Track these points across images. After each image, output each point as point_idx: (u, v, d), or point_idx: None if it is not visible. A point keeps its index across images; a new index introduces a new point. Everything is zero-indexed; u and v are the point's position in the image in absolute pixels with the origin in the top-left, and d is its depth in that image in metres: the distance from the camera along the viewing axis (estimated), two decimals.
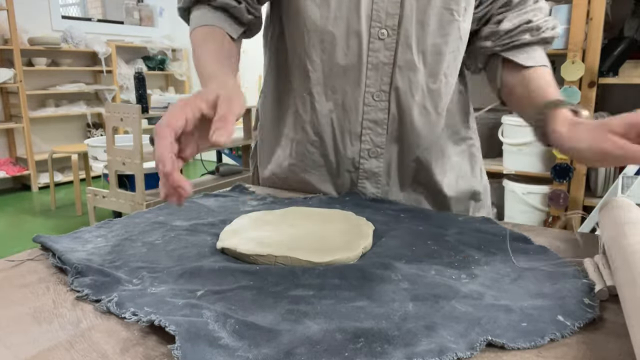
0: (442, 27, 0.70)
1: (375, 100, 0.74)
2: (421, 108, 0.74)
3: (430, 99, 0.74)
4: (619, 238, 0.48)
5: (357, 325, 0.38)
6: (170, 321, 0.38)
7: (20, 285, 0.49)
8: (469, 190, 0.83)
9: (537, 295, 0.44)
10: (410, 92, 0.73)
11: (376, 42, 0.71)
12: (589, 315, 0.41)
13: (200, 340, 0.36)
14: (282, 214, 0.66)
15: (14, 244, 2.96)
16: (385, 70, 0.72)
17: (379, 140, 0.76)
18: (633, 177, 1.85)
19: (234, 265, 0.50)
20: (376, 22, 0.70)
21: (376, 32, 0.70)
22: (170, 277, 0.48)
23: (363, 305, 0.42)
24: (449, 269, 0.50)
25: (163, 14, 5.55)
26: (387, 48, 0.71)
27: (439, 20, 0.70)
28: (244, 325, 0.39)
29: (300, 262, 0.51)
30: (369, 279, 0.47)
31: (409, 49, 0.70)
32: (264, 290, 0.45)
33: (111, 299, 0.43)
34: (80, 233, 0.61)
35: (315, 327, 0.39)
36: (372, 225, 0.61)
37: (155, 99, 2.73)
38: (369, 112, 0.74)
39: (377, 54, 0.71)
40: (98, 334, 0.40)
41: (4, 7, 3.80)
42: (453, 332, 0.38)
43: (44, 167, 4.04)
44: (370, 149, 0.77)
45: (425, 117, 0.75)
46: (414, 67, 0.71)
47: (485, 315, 0.40)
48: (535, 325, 0.39)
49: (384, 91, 0.73)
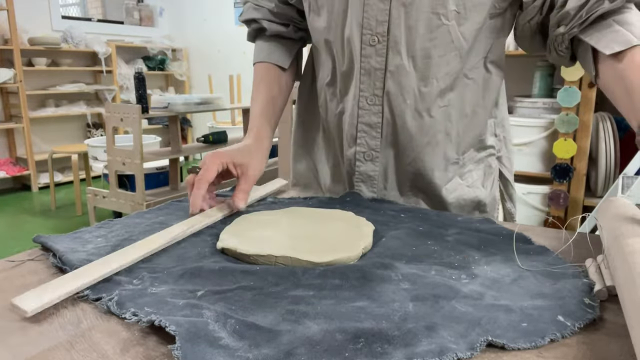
0: (431, 32, 0.70)
1: (369, 104, 0.76)
2: (413, 111, 0.75)
3: (422, 102, 0.74)
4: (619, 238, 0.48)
5: (357, 326, 0.38)
6: (170, 321, 0.38)
7: (20, 285, 0.49)
8: (473, 200, 0.81)
9: (538, 295, 0.44)
10: (402, 96, 0.74)
11: (367, 49, 0.73)
12: (589, 316, 0.41)
13: (200, 340, 0.36)
14: (282, 214, 0.66)
15: (14, 244, 2.96)
16: (378, 75, 0.74)
17: (374, 143, 0.78)
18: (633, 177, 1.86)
19: (234, 266, 0.50)
20: (367, 29, 0.72)
21: (367, 39, 0.73)
22: (170, 278, 0.48)
23: (363, 306, 0.42)
24: (449, 269, 0.50)
25: (163, 14, 5.55)
26: (378, 54, 0.73)
27: (427, 25, 0.70)
28: (244, 325, 0.39)
29: (301, 262, 0.51)
30: (369, 279, 0.47)
31: (398, 54, 0.72)
32: (264, 290, 0.45)
33: (111, 298, 0.44)
34: (81, 233, 0.61)
35: (315, 327, 0.39)
36: (372, 225, 0.61)
37: (155, 99, 2.73)
38: (364, 115, 0.77)
39: (369, 60, 0.73)
40: (98, 334, 0.40)
41: (4, 7, 3.80)
42: (453, 333, 0.38)
43: (44, 167, 4.04)
44: (365, 152, 0.79)
45: (418, 121, 0.75)
46: (404, 71, 0.73)
47: (486, 316, 0.40)
48: (536, 326, 0.39)
49: (377, 95, 0.75)
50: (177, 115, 2.81)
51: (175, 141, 2.87)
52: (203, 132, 3.29)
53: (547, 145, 2.27)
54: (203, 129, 5.07)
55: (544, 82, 2.38)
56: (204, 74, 5.08)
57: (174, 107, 2.68)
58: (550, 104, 2.30)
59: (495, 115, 0.82)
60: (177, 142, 2.87)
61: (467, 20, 0.70)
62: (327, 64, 0.80)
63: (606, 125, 2.15)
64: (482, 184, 0.82)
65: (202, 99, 2.85)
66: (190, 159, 5.53)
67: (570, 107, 2.12)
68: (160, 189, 2.99)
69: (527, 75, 2.46)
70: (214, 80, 4.72)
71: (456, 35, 0.71)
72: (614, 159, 2.14)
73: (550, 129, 2.23)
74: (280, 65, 0.85)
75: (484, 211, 0.83)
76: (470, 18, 0.70)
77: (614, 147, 2.14)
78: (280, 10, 0.84)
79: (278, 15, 0.84)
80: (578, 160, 2.19)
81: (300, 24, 0.85)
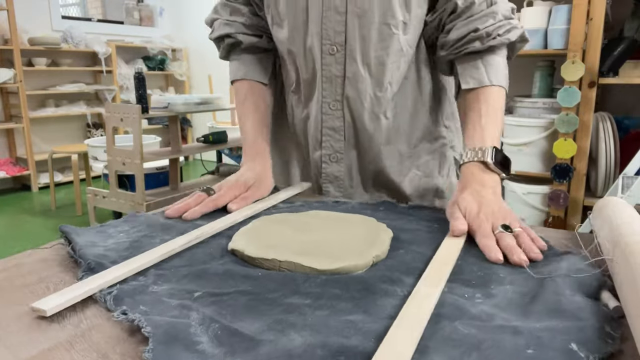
0: (383, 40, 0.76)
1: (331, 110, 0.81)
2: (370, 114, 0.80)
3: (378, 106, 0.80)
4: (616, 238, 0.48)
5: (342, 342, 0.36)
6: (150, 322, 0.38)
7: (21, 285, 0.49)
8: (432, 188, 0.87)
9: (554, 313, 0.41)
10: (359, 100, 0.79)
11: (327, 57, 0.78)
12: (609, 348, 0.36)
13: (176, 343, 0.36)
14: (301, 217, 0.65)
15: (14, 244, 2.96)
16: (338, 82, 0.79)
17: (338, 145, 0.84)
18: (633, 177, 1.85)
19: (238, 269, 0.50)
20: (326, 39, 0.77)
21: (327, 48, 0.78)
22: (174, 277, 0.49)
23: (356, 320, 0.40)
24: (464, 286, 0.46)
25: (163, 14, 5.55)
26: (337, 62, 0.78)
27: (379, 34, 0.75)
28: (228, 331, 0.38)
29: (304, 269, 0.50)
30: (372, 291, 0.45)
31: (354, 61, 0.77)
32: (261, 296, 0.45)
33: (111, 292, 0.44)
34: (106, 227, 0.63)
35: (298, 340, 0.37)
36: (391, 232, 0.59)
37: (155, 99, 2.73)
38: (327, 120, 0.82)
39: (329, 68, 0.79)
40: (98, 334, 0.40)
41: (4, 7, 3.80)
42: (446, 358, 0.35)
43: (44, 167, 4.04)
44: (330, 154, 0.84)
45: (375, 122, 0.81)
46: (360, 77, 0.78)
47: (489, 339, 0.37)
48: (542, 353, 0.35)
49: (338, 100, 0.80)
50: (177, 115, 2.81)
51: (175, 141, 2.87)
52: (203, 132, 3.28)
53: (547, 145, 2.27)
54: (203, 129, 5.07)
55: (544, 82, 2.38)
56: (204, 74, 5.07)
57: (174, 107, 2.68)
58: (550, 104, 2.30)
59: (439, 109, 0.87)
60: (177, 142, 2.87)
61: (412, 29, 0.77)
62: (292, 72, 0.85)
63: (606, 125, 2.15)
64: (438, 173, 0.88)
65: (202, 99, 2.85)
66: (191, 159, 5.53)
67: (570, 107, 2.12)
68: (160, 189, 2.98)
69: (527, 75, 2.45)
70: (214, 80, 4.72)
71: (405, 43, 0.77)
72: (614, 159, 2.14)
73: (550, 129, 2.23)
74: (261, 81, 0.88)
75: (442, 197, 0.88)
76: (412, 26, 0.77)
77: (614, 147, 2.13)
78: (252, 22, 0.87)
79: (251, 27, 0.87)
80: (578, 160, 2.19)
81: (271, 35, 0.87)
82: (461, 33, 0.75)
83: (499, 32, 0.74)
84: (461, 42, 0.75)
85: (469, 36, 0.74)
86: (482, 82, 0.74)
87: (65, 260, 0.55)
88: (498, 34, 0.74)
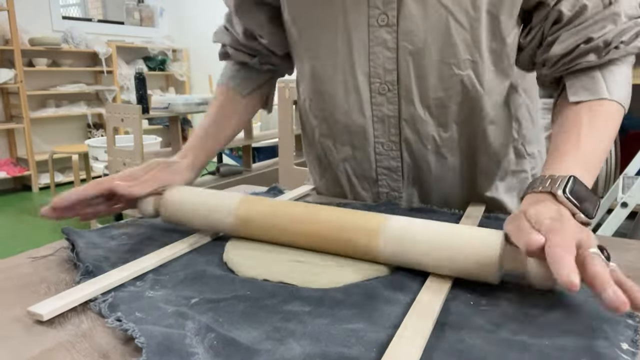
0: (443, 81, 0.66)
1: (385, 150, 0.73)
2: (436, 154, 0.71)
3: (445, 146, 0.71)
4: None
5: (343, 352, 0.35)
6: (145, 332, 0.37)
7: (21, 285, 0.49)
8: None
9: (567, 328, 0.38)
10: (421, 142, 0.71)
11: (378, 97, 0.69)
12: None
13: (171, 355, 0.35)
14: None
15: (14, 244, 2.96)
16: (392, 123, 0.70)
17: (396, 185, 0.75)
18: (634, 177, 1.85)
19: None
20: (375, 78, 0.68)
21: (377, 87, 0.69)
22: (171, 282, 0.48)
23: (357, 329, 0.39)
24: (469, 292, 0.45)
25: (163, 15, 5.55)
26: (390, 102, 0.69)
27: (439, 74, 0.65)
28: (224, 341, 0.37)
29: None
30: (375, 298, 0.44)
31: (411, 103, 0.68)
32: (259, 302, 0.43)
33: (105, 299, 0.43)
34: (110, 229, 0.62)
35: (297, 349, 0.36)
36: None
37: (156, 100, 2.73)
38: (382, 160, 0.74)
39: (380, 108, 0.70)
40: (99, 334, 0.40)
41: (4, 8, 3.80)
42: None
43: (45, 167, 4.04)
44: (388, 192, 0.77)
45: (442, 162, 0.72)
46: (420, 120, 0.69)
47: (493, 352, 0.35)
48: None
49: (394, 142, 0.72)
50: (177, 116, 2.81)
51: (176, 142, 2.87)
52: None
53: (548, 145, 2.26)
54: None
55: None
56: (205, 74, 5.07)
57: (174, 107, 2.68)
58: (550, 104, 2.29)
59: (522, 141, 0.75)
60: (177, 142, 2.87)
61: (485, 67, 0.65)
62: (319, 115, 0.77)
63: None
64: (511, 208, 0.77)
65: (203, 100, 2.85)
66: None
67: None
68: None
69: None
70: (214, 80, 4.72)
71: (472, 84, 0.66)
72: (614, 159, 2.14)
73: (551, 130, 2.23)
74: (239, 91, 0.82)
75: None
76: (490, 64, 0.65)
77: (614, 147, 2.13)
78: (245, 42, 0.80)
79: (243, 46, 0.81)
80: None
81: (266, 58, 0.82)
82: (567, 46, 0.60)
83: (623, 38, 0.58)
84: (569, 58, 0.60)
85: (579, 49, 0.59)
86: (597, 93, 0.58)
87: (66, 260, 0.55)
88: (622, 41, 0.58)
